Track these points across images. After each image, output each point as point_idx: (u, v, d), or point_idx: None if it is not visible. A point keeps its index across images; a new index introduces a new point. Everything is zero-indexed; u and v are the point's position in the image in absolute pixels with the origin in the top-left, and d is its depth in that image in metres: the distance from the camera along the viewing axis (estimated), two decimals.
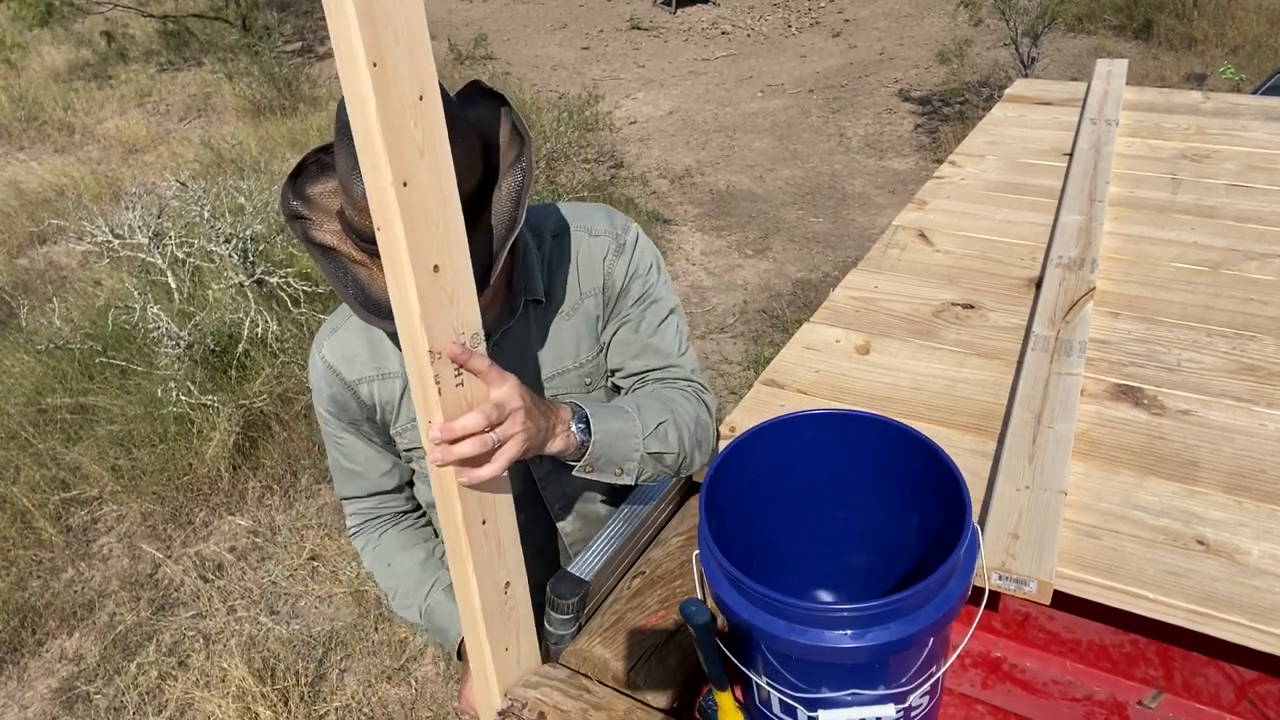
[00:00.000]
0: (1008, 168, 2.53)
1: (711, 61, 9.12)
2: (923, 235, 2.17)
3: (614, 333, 1.30)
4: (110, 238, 4.42)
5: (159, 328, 3.85)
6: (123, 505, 3.56)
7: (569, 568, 1.22)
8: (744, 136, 7.09)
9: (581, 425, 1.12)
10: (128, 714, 2.73)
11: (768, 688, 0.94)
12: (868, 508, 1.09)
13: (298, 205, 1.11)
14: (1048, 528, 1.23)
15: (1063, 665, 1.21)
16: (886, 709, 0.93)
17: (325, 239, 1.10)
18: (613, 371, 1.33)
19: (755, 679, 0.96)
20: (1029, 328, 1.73)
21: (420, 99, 0.81)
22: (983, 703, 1.17)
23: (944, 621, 0.87)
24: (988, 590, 1.04)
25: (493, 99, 1.14)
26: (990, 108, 3.06)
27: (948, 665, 0.97)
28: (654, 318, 1.30)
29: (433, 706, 2.69)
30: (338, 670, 2.84)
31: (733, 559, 0.90)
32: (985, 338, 1.76)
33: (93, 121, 8.56)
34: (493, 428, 0.96)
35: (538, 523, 1.38)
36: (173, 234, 4.49)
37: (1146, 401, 1.53)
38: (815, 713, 0.92)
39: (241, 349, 3.96)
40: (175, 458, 3.63)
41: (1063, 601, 1.17)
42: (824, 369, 1.70)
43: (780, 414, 1.07)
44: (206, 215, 4.20)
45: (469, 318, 0.93)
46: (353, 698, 2.72)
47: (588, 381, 1.30)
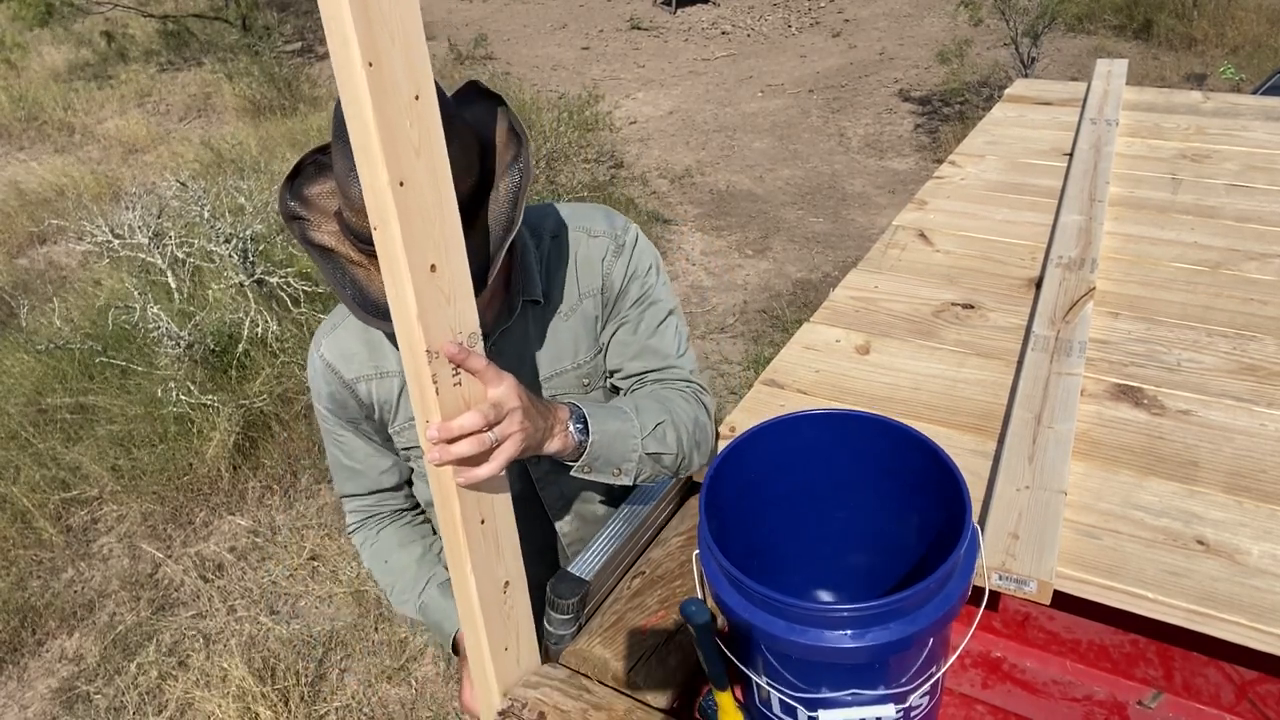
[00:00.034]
0: (1008, 168, 2.52)
1: (711, 61, 9.12)
2: (923, 235, 2.17)
3: (613, 334, 1.30)
4: (110, 238, 4.42)
5: (159, 328, 3.85)
6: (123, 505, 3.56)
7: (569, 568, 1.22)
8: (744, 136, 7.09)
9: (579, 425, 1.12)
10: (128, 714, 2.73)
11: (768, 688, 0.94)
12: (868, 508, 1.09)
13: (295, 206, 1.11)
14: (1048, 528, 1.23)
15: (1063, 665, 1.21)
16: (886, 709, 0.93)
17: (323, 240, 1.09)
18: (611, 372, 1.33)
19: (755, 679, 0.96)
20: (1029, 328, 1.73)
21: (416, 99, 0.81)
22: (983, 703, 1.16)
23: (944, 621, 0.87)
24: (988, 590, 1.04)
25: (490, 99, 1.14)
26: (990, 108, 3.06)
27: (948, 665, 0.97)
28: (653, 319, 1.30)
29: (433, 706, 2.69)
30: (338, 670, 2.84)
31: (733, 559, 0.90)
32: (985, 338, 1.76)
33: (93, 121, 8.56)
34: (490, 427, 0.96)
35: (536, 523, 1.38)
36: (173, 234, 4.49)
37: (1146, 401, 1.53)
38: (815, 713, 0.92)
39: (241, 349, 3.96)
40: (175, 458, 3.63)
41: (1063, 601, 1.17)
42: (824, 369, 1.70)
43: (780, 414, 1.07)
44: (206, 215, 4.20)
45: (466, 317, 0.93)
46: (353, 698, 2.72)
47: (586, 382, 1.30)
